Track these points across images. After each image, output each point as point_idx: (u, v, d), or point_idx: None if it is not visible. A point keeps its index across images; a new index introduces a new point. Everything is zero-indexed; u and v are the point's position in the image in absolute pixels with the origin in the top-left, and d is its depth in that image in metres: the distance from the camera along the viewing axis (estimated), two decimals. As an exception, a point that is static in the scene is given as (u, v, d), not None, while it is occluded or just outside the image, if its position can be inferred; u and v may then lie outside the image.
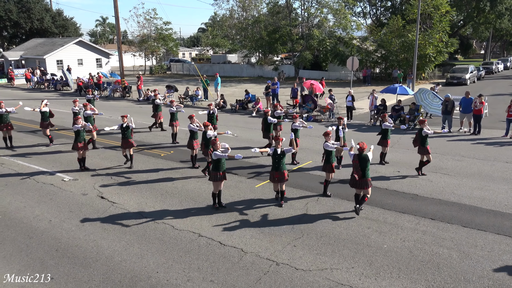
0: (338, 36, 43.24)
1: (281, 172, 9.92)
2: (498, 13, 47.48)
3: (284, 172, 9.97)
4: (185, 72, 53.72)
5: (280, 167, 9.90)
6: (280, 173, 9.92)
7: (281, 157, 9.86)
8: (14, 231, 9.11)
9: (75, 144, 12.86)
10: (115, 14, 30.78)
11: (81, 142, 12.84)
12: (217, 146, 9.65)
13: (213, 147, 9.69)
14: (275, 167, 9.96)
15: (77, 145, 12.81)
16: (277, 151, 9.84)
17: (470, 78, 37.95)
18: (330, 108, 21.49)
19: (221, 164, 9.68)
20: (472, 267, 7.40)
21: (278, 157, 9.85)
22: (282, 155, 9.87)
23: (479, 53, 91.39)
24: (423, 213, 9.63)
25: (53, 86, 37.16)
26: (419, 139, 12.06)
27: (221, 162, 9.67)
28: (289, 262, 7.66)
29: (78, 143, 12.79)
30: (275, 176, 9.96)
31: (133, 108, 26.41)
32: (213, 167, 9.75)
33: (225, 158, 9.69)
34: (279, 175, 9.93)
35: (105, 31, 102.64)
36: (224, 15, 55.48)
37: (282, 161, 9.91)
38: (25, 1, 53.34)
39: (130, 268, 7.56)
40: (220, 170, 9.69)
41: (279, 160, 9.88)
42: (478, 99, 17.61)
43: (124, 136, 13.04)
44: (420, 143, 12.05)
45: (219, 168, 9.68)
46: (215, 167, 9.70)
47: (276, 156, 9.86)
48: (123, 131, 12.98)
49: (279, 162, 9.89)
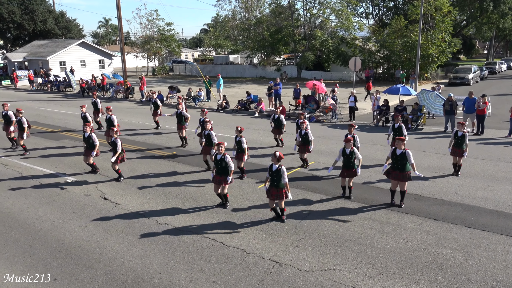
0: (340, 37, 43.23)
1: (278, 189, 8.98)
2: (501, 13, 47.34)
3: (283, 190, 8.99)
4: (187, 73, 53.85)
5: (278, 184, 8.94)
6: (277, 189, 8.99)
7: (275, 173, 8.92)
8: (17, 232, 9.13)
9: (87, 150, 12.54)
10: (118, 15, 30.87)
11: (91, 149, 12.45)
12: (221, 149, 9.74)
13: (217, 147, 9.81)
14: (273, 184, 9.01)
15: (88, 152, 12.45)
16: (273, 167, 8.97)
17: (473, 78, 37.86)
18: (333, 108, 21.47)
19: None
20: (475, 267, 7.36)
21: (273, 173, 8.95)
22: (277, 172, 8.90)
23: (482, 53, 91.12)
24: (426, 214, 9.60)
25: (56, 87, 37.30)
26: (455, 141, 12.05)
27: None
28: (292, 262, 7.64)
29: (91, 150, 12.41)
30: (272, 192, 9.04)
31: (135, 109, 26.47)
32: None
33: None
34: (276, 192, 8.99)
35: (108, 33, 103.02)
36: (227, 16, 55.61)
37: (280, 178, 8.91)
38: (28, 2, 53.53)
39: (133, 269, 7.56)
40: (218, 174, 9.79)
41: (277, 177, 8.93)
42: (481, 99, 17.56)
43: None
44: (456, 145, 12.04)
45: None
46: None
47: (271, 172, 8.98)
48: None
49: (276, 179, 8.93)
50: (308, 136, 12.80)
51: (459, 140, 11.94)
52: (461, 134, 11.91)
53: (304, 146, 12.94)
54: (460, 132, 11.94)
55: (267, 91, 25.57)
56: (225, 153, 9.80)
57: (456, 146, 12.05)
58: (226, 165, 9.68)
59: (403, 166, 9.65)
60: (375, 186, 11.41)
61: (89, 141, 12.41)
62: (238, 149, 11.92)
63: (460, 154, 12.01)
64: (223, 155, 9.71)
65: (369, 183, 11.73)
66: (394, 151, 9.81)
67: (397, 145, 9.71)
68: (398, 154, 9.68)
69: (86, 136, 12.43)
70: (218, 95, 28.14)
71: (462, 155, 12.01)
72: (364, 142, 16.37)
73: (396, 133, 12.85)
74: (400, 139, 9.70)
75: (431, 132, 18.05)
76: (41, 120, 22.13)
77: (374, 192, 10.93)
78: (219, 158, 9.72)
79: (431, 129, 18.54)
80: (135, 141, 17.29)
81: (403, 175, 9.70)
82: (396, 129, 12.93)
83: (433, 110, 19.80)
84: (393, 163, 9.85)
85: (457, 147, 12.03)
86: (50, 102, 29.91)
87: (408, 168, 9.70)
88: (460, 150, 11.99)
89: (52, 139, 17.75)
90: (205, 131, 12.49)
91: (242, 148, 11.80)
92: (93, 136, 12.41)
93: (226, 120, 21.77)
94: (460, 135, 11.92)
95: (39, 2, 55.15)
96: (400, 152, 9.66)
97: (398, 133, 12.80)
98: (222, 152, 9.75)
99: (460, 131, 11.95)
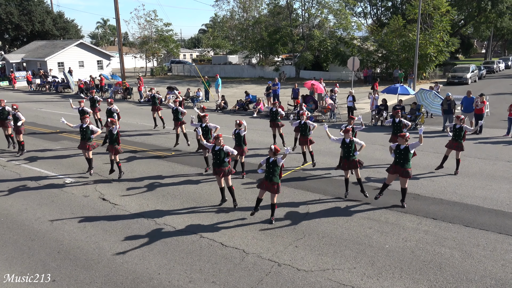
0: (338, 37, 43.25)
1: (272, 183, 8.92)
2: (499, 12, 47.42)
3: (278, 184, 8.96)
4: (186, 74, 53.79)
5: (271, 178, 8.88)
6: (270, 183, 8.93)
7: (272, 165, 8.89)
8: (16, 233, 9.11)
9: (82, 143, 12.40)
10: (116, 16, 30.86)
11: (87, 142, 12.37)
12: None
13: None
14: (267, 177, 8.96)
15: (84, 144, 12.38)
16: (270, 159, 8.94)
17: (471, 77, 37.91)
18: (331, 108, 21.48)
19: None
20: (474, 266, 7.38)
21: (269, 165, 8.94)
22: (274, 164, 8.88)
23: (480, 53, 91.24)
24: (425, 213, 9.61)
25: (54, 88, 37.25)
26: (453, 134, 12.11)
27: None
28: (291, 262, 7.65)
29: (87, 143, 12.35)
30: (265, 184, 9.00)
31: (134, 109, 26.45)
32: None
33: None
34: (268, 184, 8.94)
35: (106, 33, 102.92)
36: (225, 16, 55.55)
37: (276, 171, 8.89)
38: (26, 3, 53.45)
39: (132, 269, 7.56)
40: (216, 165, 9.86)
41: (272, 169, 8.89)
42: (480, 99, 17.59)
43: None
44: (453, 139, 12.09)
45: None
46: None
47: (268, 163, 8.96)
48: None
49: (272, 171, 8.88)
50: (307, 126, 12.73)
51: (457, 132, 11.96)
52: (459, 127, 11.94)
53: (304, 138, 12.89)
54: (458, 125, 11.97)
55: (266, 91, 25.57)
56: (224, 145, 9.82)
57: (454, 139, 12.06)
58: (224, 155, 9.71)
59: (406, 161, 9.61)
60: (374, 186, 11.42)
61: (87, 131, 12.33)
62: (237, 141, 11.86)
63: (456, 147, 11.98)
64: (221, 146, 9.75)
65: (368, 182, 11.74)
66: (398, 146, 9.79)
67: (400, 141, 9.72)
68: (402, 149, 9.66)
69: (84, 126, 12.37)
70: (217, 95, 28.15)
71: (460, 148, 11.96)
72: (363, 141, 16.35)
73: (397, 127, 12.82)
74: (401, 135, 9.68)
75: (430, 131, 18.07)
76: (40, 121, 22.10)
77: (373, 192, 10.93)
78: (217, 149, 9.75)
79: (430, 128, 18.56)
80: (134, 141, 17.27)
81: (404, 171, 9.67)
82: (397, 124, 12.85)
83: (431, 110, 19.83)
84: (396, 157, 9.81)
85: (454, 140, 12.04)
86: (48, 103, 29.86)
87: (410, 165, 9.68)
88: (457, 143, 11.99)
89: (50, 140, 17.73)
90: (203, 123, 12.53)
91: (241, 140, 11.75)
92: (91, 126, 12.44)
93: (224, 120, 21.76)
94: (458, 128, 11.95)
95: (37, 3, 55.09)
96: (404, 147, 9.65)
97: (398, 128, 12.78)
98: (221, 144, 9.76)
99: (458, 124, 11.98)
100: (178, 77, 52.03)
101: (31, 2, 53.78)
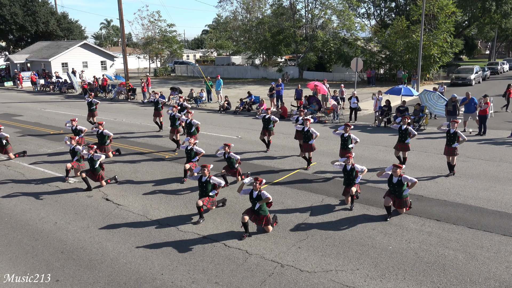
0: (342, 37, 43.18)
1: (259, 216, 8.61)
2: (504, 13, 47.21)
3: (264, 218, 8.60)
4: (189, 74, 53.85)
5: (257, 211, 8.55)
6: (258, 216, 8.63)
7: (256, 201, 8.50)
8: (19, 233, 9.15)
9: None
10: (120, 16, 30.94)
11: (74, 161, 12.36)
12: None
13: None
14: (253, 208, 8.64)
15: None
16: (253, 194, 8.59)
17: (475, 78, 37.76)
18: (334, 109, 21.46)
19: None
20: (478, 268, 7.34)
21: (254, 200, 8.56)
22: (258, 199, 8.49)
23: (484, 54, 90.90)
24: (429, 214, 9.58)
25: (58, 88, 37.39)
26: (447, 139, 12.08)
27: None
28: (294, 263, 7.64)
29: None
30: (253, 214, 8.66)
31: (137, 110, 26.50)
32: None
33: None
34: (256, 216, 8.64)
35: (110, 34, 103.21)
36: (228, 17, 55.59)
37: (262, 206, 8.54)
38: (31, 4, 53.67)
39: (135, 270, 7.57)
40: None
41: (255, 204, 8.53)
42: (483, 100, 17.51)
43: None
44: (447, 144, 12.06)
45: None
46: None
47: (252, 199, 8.61)
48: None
49: (255, 205, 8.53)
50: (310, 133, 12.73)
51: (451, 137, 11.92)
52: (453, 132, 11.89)
53: (306, 145, 12.90)
54: (452, 129, 11.92)
55: (269, 92, 25.56)
56: (211, 176, 9.53)
57: (448, 145, 12.02)
58: (211, 187, 9.42)
59: (400, 193, 9.27)
60: (377, 187, 11.39)
61: (74, 152, 12.45)
62: (230, 165, 11.46)
63: (452, 152, 11.94)
64: (208, 177, 9.42)
65: (371, 183, 11.71)
66: (390, 178, 9.32)
67: (394, 172, 9.19)
68: (395, 182, 9.26)
69: (71, 148, 12.51)
70: (218, 96, 28.10)
71: (455, 153, 11.93)
72: (366, 143, 16.36)
73: (402, 135, 12.68)
74: (396, 166, 9.19)
75: (433, 132, 18.00)
76: (44, 122, 22.18)
77: (376, 193, 10.90)
78: (204, 180, 9.42)
79: (433, 129, 18.49)
80: (137, 142, 17.31)
81: (400, 201, 9.36)
82: (403, 131, 12.62)
83: (435, 111, 19.75)
84: (389, 188, 9.45)
85: (449, 145, 12.00)
86: (52, 104, 29.97)
87: (406, 195, 9.34)
88: (451, 148, 11.94)
89: (54, 140, 17.79)
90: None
91: (233, 162, 11.35)
92: (77, 147, 12.41)
93: (227, 121, 21.78)
94: (452, 132, 11.91)
95: (41, 3, 55.29)
96: (397, 180, 9.21)
97: (404, 136, 12.64)
98: (207, 175, 9.43)
99: (452, 128, 11.93)
100: (181, 77, 52.08)
101: (35, 3, 53.99)
